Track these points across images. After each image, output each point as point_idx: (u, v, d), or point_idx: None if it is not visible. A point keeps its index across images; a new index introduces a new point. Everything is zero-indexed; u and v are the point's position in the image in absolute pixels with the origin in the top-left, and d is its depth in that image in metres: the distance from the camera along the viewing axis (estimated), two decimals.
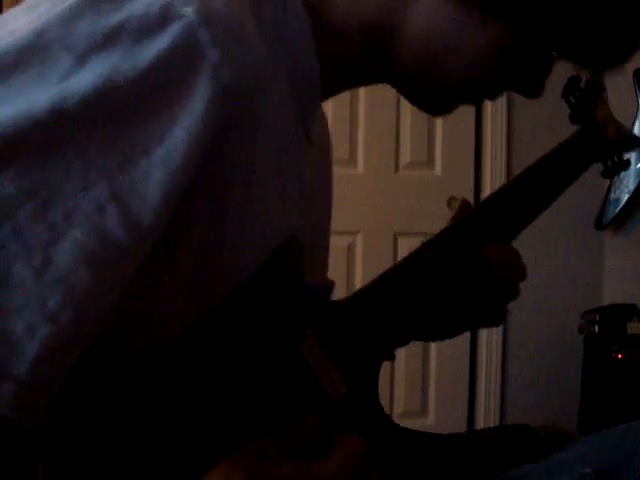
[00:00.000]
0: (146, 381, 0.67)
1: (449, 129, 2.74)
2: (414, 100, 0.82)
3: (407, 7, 0.75)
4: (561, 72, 0.82)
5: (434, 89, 0.79)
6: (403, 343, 0.94)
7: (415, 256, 0.85)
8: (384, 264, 0.87)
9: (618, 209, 2.65)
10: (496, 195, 0.92)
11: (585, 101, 0.96)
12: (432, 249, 0.86)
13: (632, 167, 2.62)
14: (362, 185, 2.70)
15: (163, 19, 0.59)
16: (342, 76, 0.82)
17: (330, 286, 0.83)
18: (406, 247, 2.55)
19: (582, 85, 1.00)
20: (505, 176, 2.75)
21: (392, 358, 0.90)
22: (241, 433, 0.65)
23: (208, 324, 0.70)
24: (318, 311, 0.79)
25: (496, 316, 0.94)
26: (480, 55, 0.75)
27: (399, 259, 0.86)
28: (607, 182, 2.68)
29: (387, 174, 2.73)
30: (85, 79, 0.57)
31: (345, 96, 3.17)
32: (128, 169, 0.58)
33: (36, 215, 0.55)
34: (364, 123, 2.69)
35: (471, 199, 2.67)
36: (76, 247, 0.56)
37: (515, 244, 0.92)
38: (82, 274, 0.57)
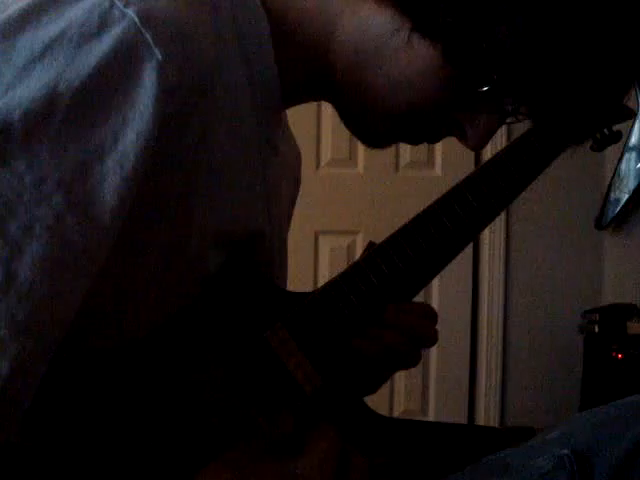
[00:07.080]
0: (115, 381, 0.67)
1: None
2: (350, 125, 0.78)
3: (344, 13, 0.72)
4: None
5: (365, 110, 0.75)
6: None
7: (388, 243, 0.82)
8: None
9: (618, 209, 2.65)
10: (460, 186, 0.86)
11: None
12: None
13: (632, 167, 2.62)
14: (362, 185, 2.69)
15: (104, 22, 0.58)
16: (298, 85, 0.79)
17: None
18: None
19: None
20: None
21: None
22: (213, 432, 0.65)
23: (173, 321, 0.69)
24: (288, 304, 0.77)
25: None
26: (408, 77, 0.70)
27: None
28: (607, 182, 2.68)
29: (387, 174, 2.72)
30: (29, 90, 0.56)
31: None
32: (84, 176, 0.58)
33: None
34: None
35: None
36: (37, 259, 0.56)
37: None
38: (46, 285, 0.57)
